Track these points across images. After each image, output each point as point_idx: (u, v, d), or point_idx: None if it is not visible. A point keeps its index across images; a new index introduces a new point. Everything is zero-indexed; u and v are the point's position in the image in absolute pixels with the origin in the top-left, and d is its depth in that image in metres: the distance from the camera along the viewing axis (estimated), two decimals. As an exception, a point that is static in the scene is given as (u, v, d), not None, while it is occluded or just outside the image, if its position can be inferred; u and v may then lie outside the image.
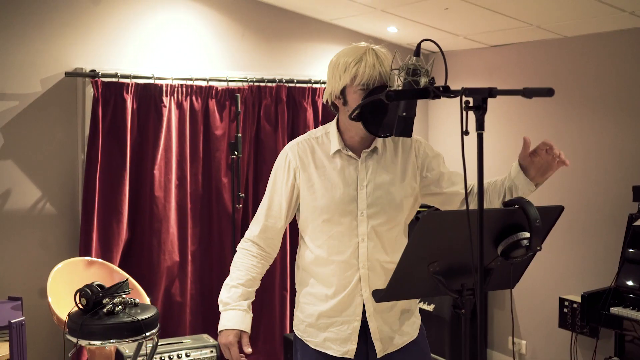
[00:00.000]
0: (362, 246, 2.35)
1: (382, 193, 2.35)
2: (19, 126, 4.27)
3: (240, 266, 2.47)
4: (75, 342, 3.38)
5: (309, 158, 2.41)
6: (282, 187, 2.44)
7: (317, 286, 2.43)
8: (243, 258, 2.48)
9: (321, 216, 2.36)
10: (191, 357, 4.11)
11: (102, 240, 4.38)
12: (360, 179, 2.36)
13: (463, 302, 1.95)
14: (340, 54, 2.36)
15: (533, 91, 1.71)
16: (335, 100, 2.38)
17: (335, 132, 2.40)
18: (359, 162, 2.38)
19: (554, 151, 2.16)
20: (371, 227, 2.34)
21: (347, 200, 2.34)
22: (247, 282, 2.45)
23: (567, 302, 4.22)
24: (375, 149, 2.39)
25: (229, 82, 4.76)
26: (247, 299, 2.44)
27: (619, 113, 4.27)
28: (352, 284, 2.36)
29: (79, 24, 4.41)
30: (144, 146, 4.53)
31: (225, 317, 2.39)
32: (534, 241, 1.88)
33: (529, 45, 4.79)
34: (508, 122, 4.94)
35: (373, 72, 2.26)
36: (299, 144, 2.45)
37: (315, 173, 2.39)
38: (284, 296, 4.91)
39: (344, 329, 2.39)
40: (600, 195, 4.35)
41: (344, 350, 2.39)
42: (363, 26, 5.10)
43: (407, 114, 2.11)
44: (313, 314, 2.43)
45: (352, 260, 2.35)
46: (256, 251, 2.49)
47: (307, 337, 2.46)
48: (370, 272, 2.35)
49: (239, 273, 2.45)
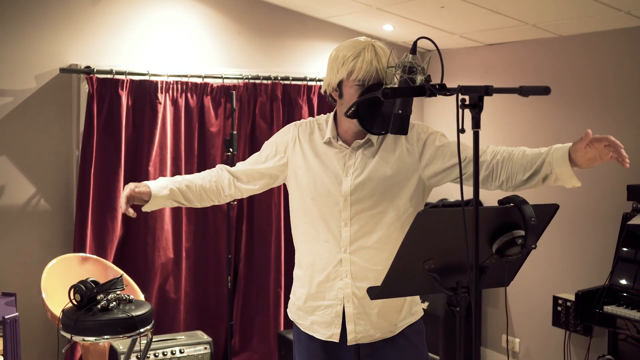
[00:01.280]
0: (344, 230, 2.37)
1: (369, 181, 2.36)
2: (13, 122, 4.26)
3: (196, 174, 2.58)
4: (69, 338, 3.38)
5: (306, 137, 2.49)
6: (276, 143, 2.54)
7: (303, 267, 2.49)
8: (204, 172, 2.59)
9: (307, 195, 2.42)
10: (185, 353, 4.11)
11: (96, 237, 4.37)
12: (347, 165, 2.39)
13: (458, 299, 1.96)
14: (340, 47, 2.37)
15: (529, 89, 1.72)
16: (332, 92, 2.41)
17: (332, 123, 2.44)
18: (348, 150, 2.40)
19: (618, 150, 1.99)
20: (354, 212, 2.36)
21: (331, 184, 2.38)
22: (192, 181, 2.52)
23: (561, 300, 4.23)
24: (368, 141, 2.40)
25: (224, 79, 4.75)
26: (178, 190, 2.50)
27: (614, 112, 4.28)
28: (331, 266, 2.40)
29: (74, 20, 4.39)
30: (139, 143, 4.52)
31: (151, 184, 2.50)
32: (529, 239, 1.88)
33: (525, 44, 4.80)
34: (504, 121, 4.95)
35: (370, 68, 2.27)
36: (302, 123, 2.54)
37: (309, 152, 2.45)
38: (278, 294, 4.91)
39: (327, 312, 2.43)
40: (595, 194, 4.36)
41: (329, 334, 2.43)
42: (359, 24, 5.10)
43: (403, 112, 2.11)
44: (301, 297, 2.50)
45: (334, 243, 2.39)
46: (216, 174, 2.56)
47: (297, 319, 2.53)
48: (352, 256, 2.37)
49: (189, 175, 2.56)
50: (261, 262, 4.93)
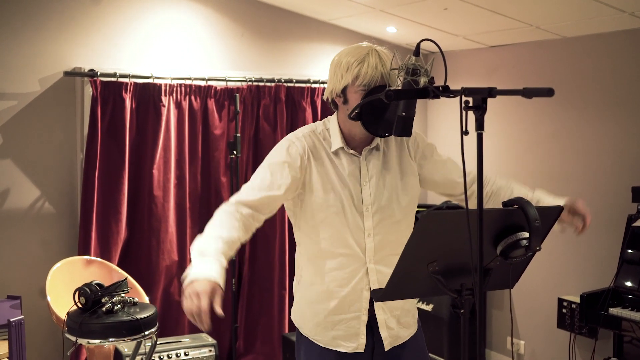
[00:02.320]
0: (368, 241, 2.34)
1: (384, 188, 2.36)
2: (17, 126, 4.27)
3: (222, 224, 2.21)
4: (74, 340, 3.39)
5: (314, 151, 2.36)
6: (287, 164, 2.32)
7: (323, 282, 2.40)
8: (225, 217, 2.23)
9: (326, 211, 2.34)
10: (190, 356, 4.11)
11: (101, 240, 4.38)
12: (362, 174, 2.36)
13: (462, 302, 1.95)
14: (343, 53, 2.35)
15: (533, 91, 1.71)
16: (336, 98, 2.37)
17: (336, 130, 2.39)
18: (360, 159, 2.38)
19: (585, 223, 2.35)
20: (376, 221, 2.34)
21: (351, 196, 2.34)
22: (229, 240, 2.17)
23: (565, 302, 4.22)
24: (376, 146, 2.39)
25: (227, 82, 4.76)
26: (226, 257, 2.13)
27: (618, 114, 4.28)
28: (357, 277, 2.35)
29: (78, 24, 4.40)
30: (142, 146, 4.53)
31: (202, 266, 2.05)
32: (533, 241, 1.88)
33: (528, 46, 4.79)
34: (507, 123, 4.94)
35: (375, 73, 2.26)
36: (304, 136, 2.38)
37: (321, 166, 2.37)
38: (282, 296, 4.90)
39: (352, 324, 2.38)
40: (599, 195, 4.35)
41: (354, 346, 2.39)
42: (362, 26, 5.10)
43: (406, 114, 2.11)
44: (320, 312, 2.41)
45: (359, 254, 2.35)
46: (240, 217, 2.25)
47: (314, 336, 2.44)
48: (378, 266, 2.35)
49: (221, 230, 2.18)
50: (265, 264, 4.92)
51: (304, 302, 2.48)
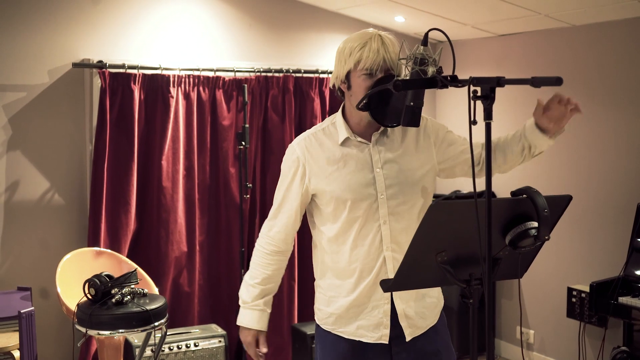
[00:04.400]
0: (384, 228, 2.33)
1: (397, 173, 2.35)
2: (26, 117, 4.28)
3: (256, 264, 2.53)
4: (85, 332, 3.41)
5: (317, 150, 2.39)
6: (292, 183, 2.43)
7: (341, 275, 2.41)
8: (258, 256, 2.53)
9: (340, 203, 2.34)
10: (200, 347, 4.12)
11: (110, 231, 4.39)
12: (374, 161, 2.35)
13: (471, 292, 1.95)
14: (347, 40, 2.36)
15: (541, 80, 1.71)
16: (341, 84, 2.38)
17: (341, 121, 2.40)
18: (369, 145, 2.37)
19: (565, 100, 2.27)
20: (391, 207, 2.33)
21: (364, 184, 2.33)
22: (262, 280, 2.52)
23: (575, 291, 4.22)
24: (384, 131, 2.38)
25: (236, 73, 4.75)
26: (265, 296, 2.56)
27: (627, 103, 4.25)
28: (376, 267, 2.35)
29: (86, 15, 4.41)
30: (151, 137, 4.53)
31: (244, 314, 2.61)
32: (542, 231, 1.87)
33: (537, 35, 4.77)
34: (516, 112, 4.92)
35: (377, 57, 2.25)
36: (305, 139, 2.44)
37: (328, 163, 2.37)
38: (292, 287, 4.91)
39: (375, 314, 2.38)
40: (609, 184, 4.34)
41: (377, 336, 2.38)
42: (370, 15, 5.08)
43: (414, 104, 2.10)
44: (343, 305, 2.41)
45: (376, 242, 2.34)
46: (270, 249, 2.51)
47: (338, 328, 2.44)
48: (395, 254, 2.34)
49: (255, 272, 2.53)
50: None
51: (325, 296, 2.49)
